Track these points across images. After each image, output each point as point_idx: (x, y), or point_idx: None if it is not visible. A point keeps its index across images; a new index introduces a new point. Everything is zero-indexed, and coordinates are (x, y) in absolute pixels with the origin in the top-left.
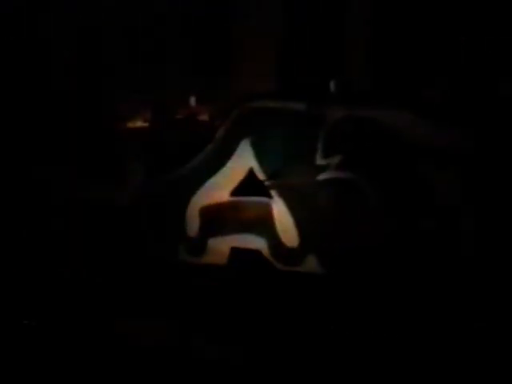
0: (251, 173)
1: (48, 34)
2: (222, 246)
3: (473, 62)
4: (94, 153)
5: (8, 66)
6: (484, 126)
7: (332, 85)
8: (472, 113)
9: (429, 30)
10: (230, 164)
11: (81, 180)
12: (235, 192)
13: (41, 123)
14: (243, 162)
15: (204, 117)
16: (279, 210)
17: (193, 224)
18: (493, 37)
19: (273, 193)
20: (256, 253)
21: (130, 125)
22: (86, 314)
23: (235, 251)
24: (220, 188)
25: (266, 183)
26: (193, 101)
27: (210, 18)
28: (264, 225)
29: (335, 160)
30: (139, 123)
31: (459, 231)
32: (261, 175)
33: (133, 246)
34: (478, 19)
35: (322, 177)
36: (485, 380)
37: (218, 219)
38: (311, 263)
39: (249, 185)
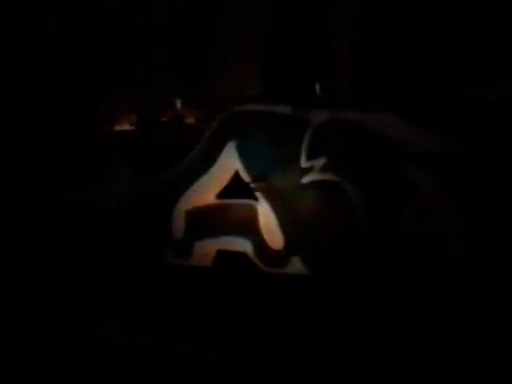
0: (237, 175)
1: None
2: (208, 248)
3: (461, 65)
4: (81, 154)
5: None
6: (471, 131)
7: (317, 87)
8: (458, 117)
9: (417, 31)
10: (215, 166)
11: (67, 181)
12: (221, 194)
13: (28, 124)
14: (229, 164)
15: (190, 119)
16: (264, 213)
17: (179, 226)
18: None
19: (258, 195)
20: (242, 255)
21: (117, 127)
22: (73, 315)
23: (221, 254)
24: (206, 190)
25: (252, 185)
26: (179, 103)
27: (196, 17)
28: (249, 227)
29: (320, 162)
30: (126, 125)
31: (443, 234)
32: (246, 177)
33: (120, 248)
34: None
35: (306, 179)
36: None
37: (204, 221)
38: (296, 265)
39: (234, 187)
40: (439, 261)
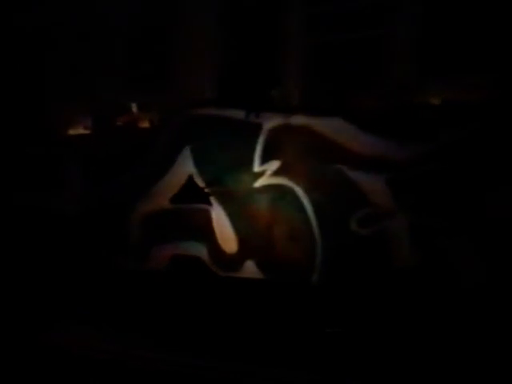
0: (191, 180)
1: None
2: (163, 253)
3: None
4: (33, 160)
5: None
6: (420, 134)
7: (272, 92)
8: (407, 121)
9: (369, 34)
10: (171, 171)
11: (22, 184)
12: (176, 199)
13: None
14: (184, 169)
15: (146, 123)
16: (218, 217)
17: (136, 231)
18: None
19: (212, 199)
20: (196, 259)
21: (72, 131)
22: (29, 315)
23: (177, 258)
24: (161, 195)
25: (206, 190)
26: (134, 107)
27: (153, 21)
28: (204, 231)
29: (272, 167)
30: (80, 130)
31: (392, 236)
32: (201, 182)
33: (73, 254)
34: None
35: (259, 183)
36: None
37: (160, 226)
38: (250, 269)
39: (189, 192)
40: (391, 264)
